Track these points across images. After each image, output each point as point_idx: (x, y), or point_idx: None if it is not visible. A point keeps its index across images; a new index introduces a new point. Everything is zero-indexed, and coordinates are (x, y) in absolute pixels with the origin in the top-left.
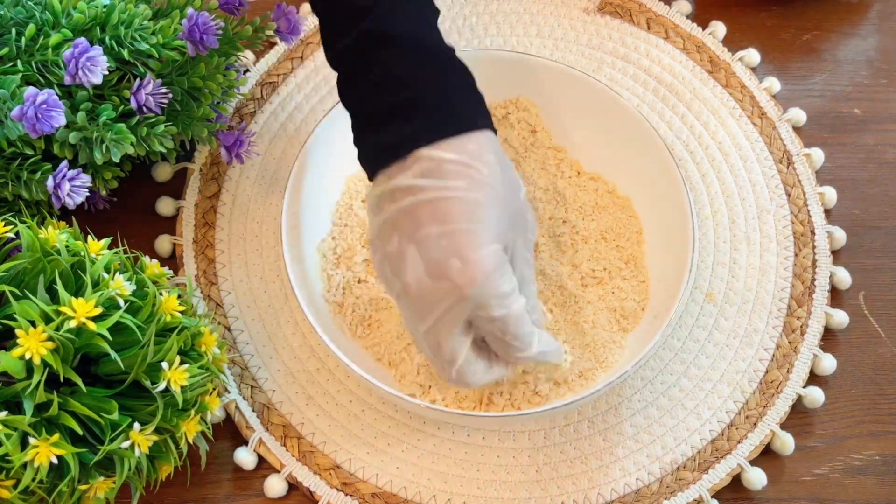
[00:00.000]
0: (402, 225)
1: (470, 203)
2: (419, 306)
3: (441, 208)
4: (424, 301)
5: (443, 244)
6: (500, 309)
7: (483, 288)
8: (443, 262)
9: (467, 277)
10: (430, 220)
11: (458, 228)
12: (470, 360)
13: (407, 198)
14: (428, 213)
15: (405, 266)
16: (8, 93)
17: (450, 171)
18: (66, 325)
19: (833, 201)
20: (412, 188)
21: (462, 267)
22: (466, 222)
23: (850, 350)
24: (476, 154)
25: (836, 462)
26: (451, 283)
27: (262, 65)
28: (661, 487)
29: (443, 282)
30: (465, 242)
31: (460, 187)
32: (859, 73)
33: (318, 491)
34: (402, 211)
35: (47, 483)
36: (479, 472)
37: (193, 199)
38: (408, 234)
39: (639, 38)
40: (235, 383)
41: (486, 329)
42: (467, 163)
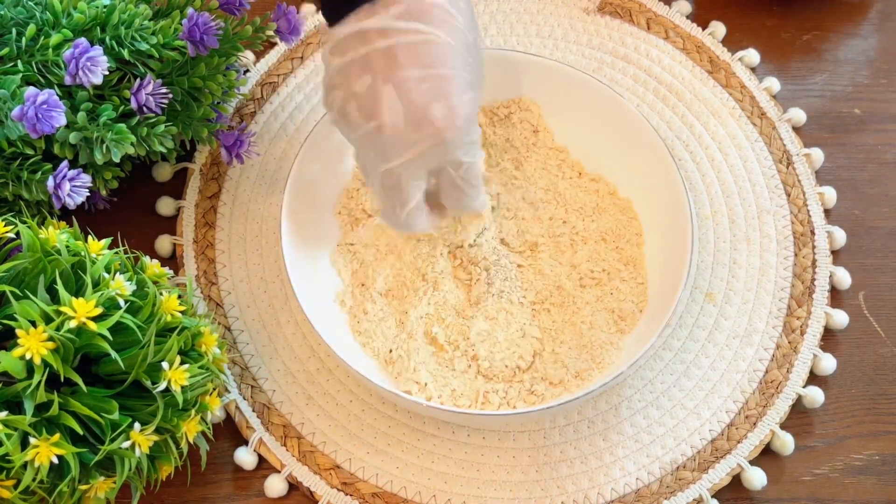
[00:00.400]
0: (376, 65)
1: (450, 48)
2: (390, 147)
3: (422, 52)
4: (397, 142)
5: (424, 87)
6: (469, 156)
7: (462, 134)
8: (425, 106)
9: (450, 122)
10: (411, 63)
11: (440, 73)
12: (419, 205)
13: (381, 39)
14: (408, 55)
15: (380, 106)
16: (8, 93)
17: (432, 14)
18: (67, 325)
19: (833, 201)
20: (389, 30)
21: (446, 112)
22: (449, 68)
23: (850, 350)
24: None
25: (836, 462)
26: (432, 127)
27: (263, 65)
28: (661, 487)
29: (424, 125)
30: (447, 88)
31: (439, 33)
32: (859, 73)
33: (319, 491)
34: (377, 52)
35: (48, 483)
36: (479, 472)
37: (194, 199)
38: (384, 74)
39: (639, 39)
40: (235, 383)
41: (449, 176)
42: (446, 8)
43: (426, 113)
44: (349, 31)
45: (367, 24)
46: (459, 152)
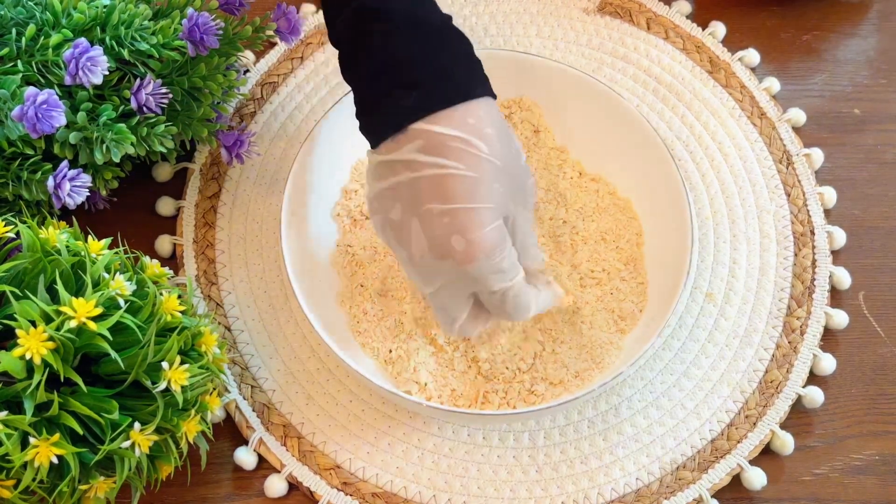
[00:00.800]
0: (404, 197)
1: (470, 181)
2: (424, 275)
3: (441, 186)
4: (429, 271)
5: (444, 222)
6: (500, 283)
7: (483, 266)
8: (445, 241)
9: (469, 256)
10: (432, 197)
11: (459, 207)
12: (469, 318)
13: (406, 172)
14: (429, 189)
15: (409, 238)
16: (8, 93)
17: (450, 148)
18: (67, 325)
19: (833, 201)
20: (412, 163)
21: (465, 246)
22: (467, 201)
23: (850, 350)
24: (475, 129)
25: (835, 462)
26: (453, 260)
27: (263, 65)
28: (661, 487)
29: (446, 258)
30: (466, 222)
31: (460, 166)
32: (859, 74)
33: (319, 491)
34: (403, 184)
35: (48, 483)
36: (479, 472)
37: (194, 199)
38: (410, 206)
39: (639, 39)
40: (235, 383)
41: (486, 299)
42: (466, 139)
43: (446, 248)
44: (382, 159)
45: (394, 156)
46: (488, 281)
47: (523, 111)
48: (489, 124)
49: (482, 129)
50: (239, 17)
